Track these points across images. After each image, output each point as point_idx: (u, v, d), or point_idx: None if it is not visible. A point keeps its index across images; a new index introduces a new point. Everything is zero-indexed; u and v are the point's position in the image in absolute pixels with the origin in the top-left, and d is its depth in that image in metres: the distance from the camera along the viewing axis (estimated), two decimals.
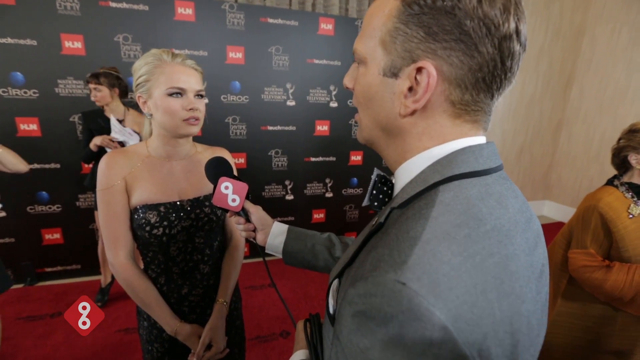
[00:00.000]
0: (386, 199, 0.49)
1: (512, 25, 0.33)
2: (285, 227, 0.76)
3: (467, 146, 0.38)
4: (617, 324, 1.12)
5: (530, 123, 4.19)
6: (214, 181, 0.74)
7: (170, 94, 0.82)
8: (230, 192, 0.72)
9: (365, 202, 0.50)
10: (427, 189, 0.36)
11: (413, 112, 0.37)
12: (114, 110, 2.13)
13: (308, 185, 3.11)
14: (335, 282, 0.44)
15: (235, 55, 2.61)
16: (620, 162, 1.15)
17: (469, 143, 0.38)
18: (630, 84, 3.59)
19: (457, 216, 0.33)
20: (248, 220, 0.76)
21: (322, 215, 3.24)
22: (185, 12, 2.42)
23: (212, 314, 0.94)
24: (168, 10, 2.38)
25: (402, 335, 0.28)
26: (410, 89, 0.36)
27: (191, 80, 0.85)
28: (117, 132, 2.02)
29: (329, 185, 3.18)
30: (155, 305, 0.89)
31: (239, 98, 2.70)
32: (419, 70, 0.35)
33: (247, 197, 0.74)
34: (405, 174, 0.41)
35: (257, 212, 0.76)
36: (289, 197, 3.07)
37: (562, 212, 4.34)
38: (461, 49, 0.33)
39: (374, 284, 0.30)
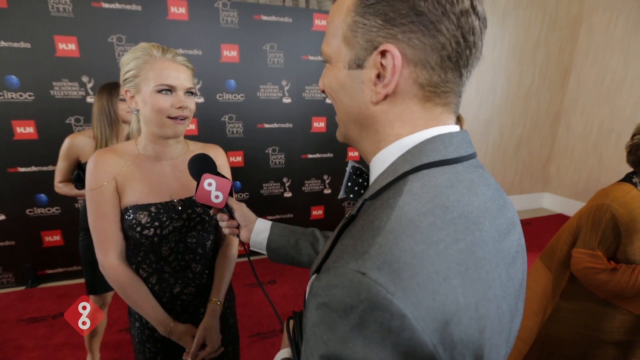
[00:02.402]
0: (362, 191, 0.49)
1: (467, 2, 0.34)
2: (268, 223, 0.76)
3: (437, 135, 0.38)
4: (616, 320, 1.11)
5: (528, 115, 4.18)
6: (197, 178, 0.74)
7: (160, 91, 0.80)
8: (214, 189, 0.72)
9: (341, 195, 0.50)
10: (397, 179, 0.37)
11: (385, 97, 0.37)
12: None
13: (306, 182, 3.11)
14: (314, 277, 0.44)
15: (230, 53, 2.61)
16: (638, 160, 1.10)
17: (439, 132, 0.38)
18: (627, 73, 3.58)
19: (424, 204, 0.33)
20: (232, 217, 0.76)
21: (321, 212, 3.24)
22: (178, 11, 2.41)
23: (206, 314, 0.93)
24: (161, 9, 2.38)
25: (362, 325, 0.28)
26: (378, 76, 0.37)
27: (181, 76, 0.82)
28: None
29: (327, 181, 3.19)
30: (147, 305, 0.88)
31: (235, 96, 2.70)
32: (383, 55, 0.35)
33: (230, 194, 0.74)
34: (378, 165, 0.41)
35: (240, 209, 0.76)
36: (287, 194, 3.08)
37: (562, 204, 4.34)
38: (420, 30, 0.34)
39: (335, 275, 0.30)
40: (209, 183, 0.72)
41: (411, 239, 0.30)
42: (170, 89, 0.81)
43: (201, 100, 2.59)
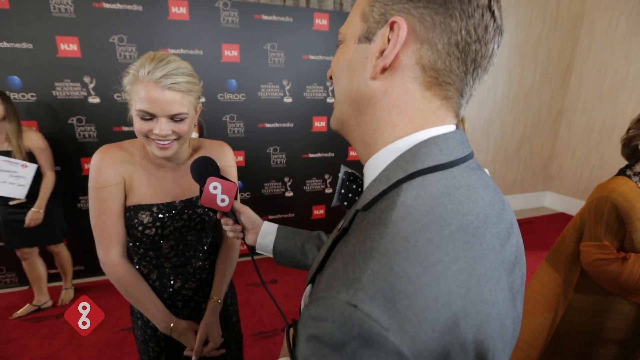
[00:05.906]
0: (356, 198, 0.47)
1: (485, 0, 0.34)
2: (275, 226, 0.76)
3: (431, 137, 0.36)
4: (632, 318, 1.10)
5: (530, 113, 4.17)
6: (202, 182, 0.72)
7: (138, 115, 0.76)
8: (219, 192, 0.71)
9: (335, 203, 0.47)
10: (390, 188, 0.35)
11: (383, 70, 0.36)
12: None
13: (307, 181, 3.11)
14: (309, 287, 0.43)
15: (231, 53, 2.61)
16: (631, 152, 1.12)
17: (433, 133, 0.36)
18: (629, 72, 3.56)
19: (419, 219, 0.30)
20: (236, 221, 0.76)
21: (322, 212, 3.24)
22: (179, 11, 2.42)
23: (206, 311, 0.94)
24: (162, 9, 2.38)
25: None
26: (383, 52, 0.36)
27: (163, 103, 0.74)
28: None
29: (328, 181, 3.19)
30: (148, 302, 0.89)
31: (236, 96, 2.70)
32: (392, 28, 0.34)
33: (235, 197, 0.73)
34: (372, 170, 0.39)
35: (245, 212, 0.76)
36: (289, 194, 3.08)
37: (564, 203, 4.33)
38: (434, 8, 0.33)
39: (325, 307, 0.28)
40: (215, 186, 0.70)
41: (406, 262, 0.28)
42: (149, 115, 0.76)
43: (202, 100, 2.59)
